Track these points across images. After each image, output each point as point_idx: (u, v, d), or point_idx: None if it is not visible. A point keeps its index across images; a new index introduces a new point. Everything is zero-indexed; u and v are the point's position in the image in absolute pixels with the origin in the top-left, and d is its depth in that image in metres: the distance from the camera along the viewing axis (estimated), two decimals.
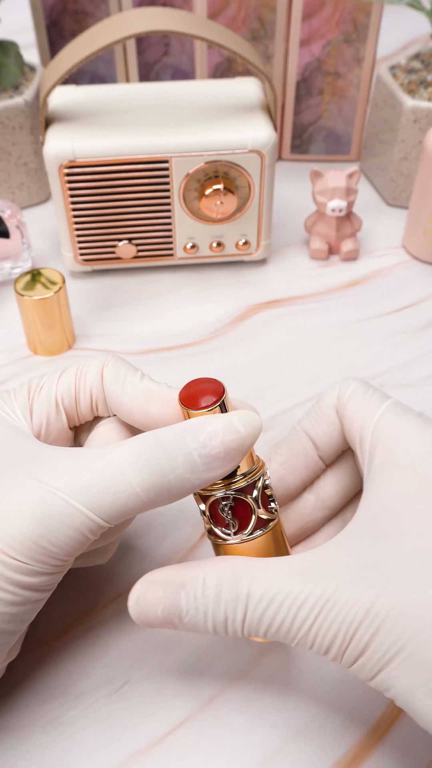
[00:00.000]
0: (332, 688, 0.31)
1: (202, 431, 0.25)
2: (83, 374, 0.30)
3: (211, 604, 0.25)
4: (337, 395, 0.30)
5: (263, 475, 0.28)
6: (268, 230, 0.51)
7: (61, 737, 0.30)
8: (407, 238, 0.55)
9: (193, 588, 0.26)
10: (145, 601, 0.26)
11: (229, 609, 0.25)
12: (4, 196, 0.58)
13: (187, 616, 0.26)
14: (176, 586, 0.26)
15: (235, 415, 0.26)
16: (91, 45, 0.44)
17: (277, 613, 0.24)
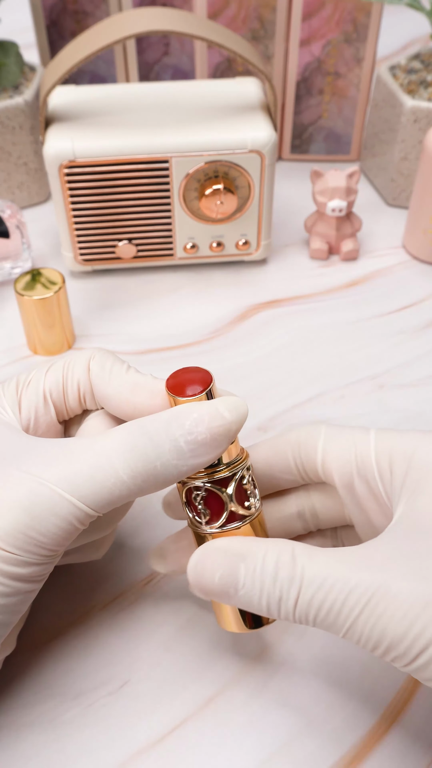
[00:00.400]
0: (332, 688, 0.31)
1: (188, 418, 0.25)
2: (70, 368, 0.30)
3: (268, 581, 0.25)
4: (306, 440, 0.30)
5: (244, 468, 0.28)
6: (268, 230, 0.51)
7: (60, 737, 0.30)
8: (407, 238, 0.55)
9: (253, 562, 0.25)
10: (203, 566, 0.26)
11: (284, 588, 0.25)
12: (4, 196, 0.58)
13: (243, 589, 0.25)
14: (237, 557, 0.26)
15: (221, 401, 0.26)
16: (91, 45, 0.44)
17: (326, 597, 0.24)
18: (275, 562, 0.25)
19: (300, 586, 0.25)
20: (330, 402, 0.44)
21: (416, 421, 0.43)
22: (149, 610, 0.34)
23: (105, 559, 0.36)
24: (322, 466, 0.29)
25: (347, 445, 0.28)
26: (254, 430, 0.42)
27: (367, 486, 0.28)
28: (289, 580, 0.25)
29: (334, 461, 0.29)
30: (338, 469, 0.28)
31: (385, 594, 0.23)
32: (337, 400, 0.44)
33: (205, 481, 0.28)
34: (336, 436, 0.29)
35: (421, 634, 0.23)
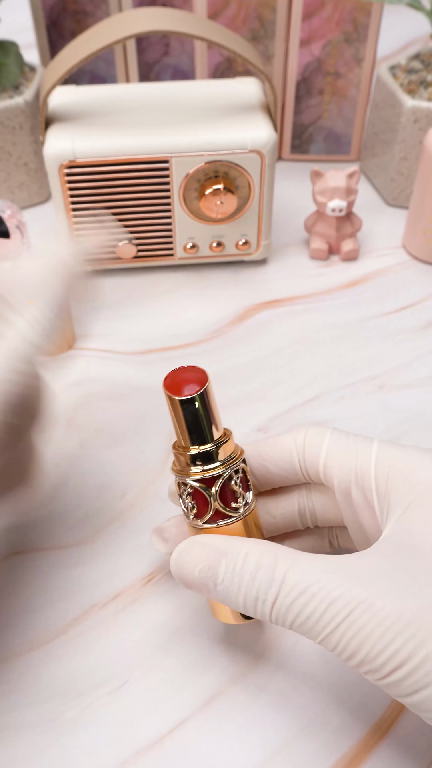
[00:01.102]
0: (332, 688, 0.31)
1: None
2: None
3: (247, 579, 0.26)
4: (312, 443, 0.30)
5: (233, 470, 0.29)
6: (268, 230, 0.51)
7: (60, 737, 0.30)
8: (407, 238, 0.55)
9: (234, 559, 0.26)
10: (185, 558, 0.27)
11: (262, 589, 0.25)
12: (4, 196, 0.58)
13: (222, 585, 0.26)
14: (218, 553, 0.27)
15: None
16: (91, 45, 0.44)
17: (307, 604, 0.24)
18: (256, 562, 0.26)
19: (279, 589, 0.25)
20: (330, 402, 0.44)
21: (416, 422, 0.43)
22: (149, 609, 0.34)
23: (105, 559, 0.36)
24: (323, 469, 0.29)
25: (349, 453, 0.29)
26: (254, 431, 0.42)
27: (363, 496, 0.29)
28: (269, 581, 0.25)
29: (335, 467, 0.29)
30: (338, 476, 0.29)
31: (367, 609, 0.24)
32: (337, 401, 0.44)
33: (192, 479, 0.28)
34: (340, 442, 0.29)
35: (398, 651, 0.23)
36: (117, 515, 0.38)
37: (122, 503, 0.38)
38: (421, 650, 0.23)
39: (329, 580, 0.25)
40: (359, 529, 0.30)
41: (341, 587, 0.24)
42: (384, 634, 0.23)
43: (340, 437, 0.30)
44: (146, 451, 0.41)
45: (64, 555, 0.36)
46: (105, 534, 0.37)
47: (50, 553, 0.36)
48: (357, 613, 0.24)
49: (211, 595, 0.27)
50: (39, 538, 0.37)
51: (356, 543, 0.31)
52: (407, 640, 0.23)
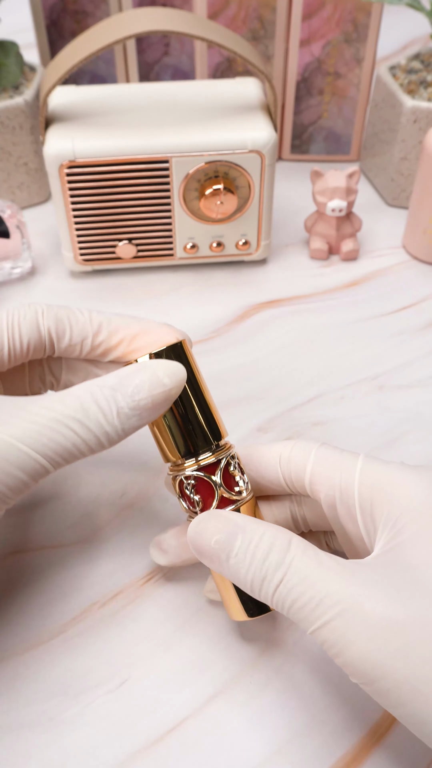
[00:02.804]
0: (332, 688, 0.31)
1: (131, 384, 0.28)
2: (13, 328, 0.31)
3: (259, 558, 0.26)
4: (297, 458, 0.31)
5: (229, 456, 0.30)
6: (268, 230, 0.51)
7: (60, 736, 0.30)
8: (407, 238, 0.55)
9: (251, 535, 0.27)
10: (204, 527, 0.28)
11: (270, 570, 0.26)
12: (4, 196, 0.58)
13: (234, 559, 0.27)
14: (237, 527, 0.28)
15: (161, 367, 0.28)
16: (91, 45, 0.44)
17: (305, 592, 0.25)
18: (270, 543, 0.27)
19: (285, 574, 0.26)
20: (330, 402, 0.44)
21: (416, 422, 0.43)
22: (149, 608, 0.34)
23: (105, 557, 0.36)
24: (310, 485, 0.30)
25: (334, 469, 0.29)
26: (254, 431, 0.42)
27: (348, 512, 0.29)
28: (277, 564, 0.26)
29: (320, 483, 0.30)
30: (324, 491, 0.29)
31: (358, 610, 0.24)
32: (337, 401, 0.44)
33: (194, 470, 0.30)
34: (326, 458, 0.30)
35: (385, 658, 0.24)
36: (116, 514, 0.38)
37: (121, 502, 0.38)
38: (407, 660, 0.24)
39: (330, 574, 0.25)
40: (347, 539, 0.30)
41: (338, 583, 0.25)
42: (371, 639, 0.24)
43: (326, 453, 0.30)
44: (145, 451, 0.41)
45: (64, 554, 0.36)
46: (104, 533, 0.37)
47: (50, 552, 0.36)
48: (348, 612, 0.24)
49: (221, 567, 0.27)
50: (39, 537, 0.37)
51: (346, 551, 0.31)
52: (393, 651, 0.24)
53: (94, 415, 0.27)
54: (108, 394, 0.28)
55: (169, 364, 0.28)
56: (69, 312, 0.32)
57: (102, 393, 0.28)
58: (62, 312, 0.32)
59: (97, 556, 0.36)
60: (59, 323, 0.32)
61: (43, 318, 0.32)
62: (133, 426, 0.28)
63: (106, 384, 0.28)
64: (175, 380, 0.28)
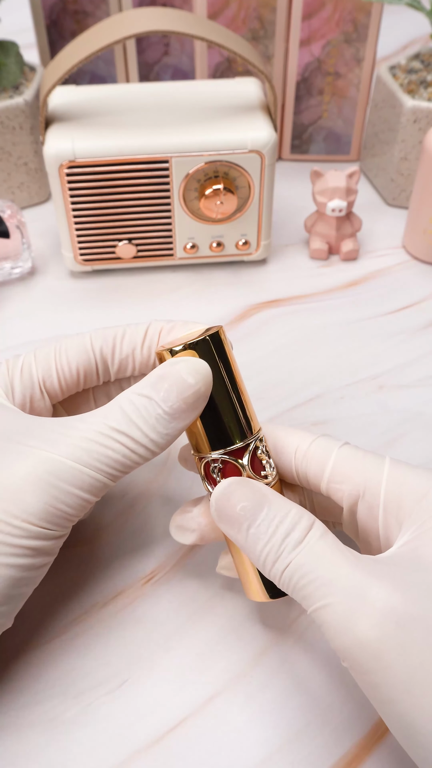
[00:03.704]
0: (332, 688, 0.31)
1: (161, 390, 0.28)
2: (62, 354, 0.32)
3: (281, 532, 0.26)
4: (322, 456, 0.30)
5: (257, 440, 0.30)
6: (268, 230, 0.51)
7: (60, 736, 0.30)
8: (407, 238, 0.55)
9: (277, 509, 0.27)
10: (232, 491, 0.28)
11: (289, 547, 0.26)
12: (4, 196, 0.58)
13: (255, 529, 0.27)
14: (265, 499, 0.28)
15: (184, 366, 0.28)
16: (91, 45, 0.44)
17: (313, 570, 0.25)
18: (294, 521, 0.27)
19: (299, 552, 0.26)
20: (330, 402, 0.44)
21: (416, 422, 0.43)
22: (149, 609, 0.34)
23: (105, 558, 0.36)
24: (327, 483, 0.30)
25: (357, 470, 0.29)
26: None
27: (369, 512, 0.29)
28: (296, 542, 0.26)
29: (342, 483, 0.29)
30: (347, 490, 0.29)
31: (364, 596, 0.24)
32: (337, 401, 0.44)
33: (221, 453, 0.29)
34: (349, 458, 0.30)
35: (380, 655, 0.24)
36: (117, 515, 0.38)
37: (122, 503, 0.38)
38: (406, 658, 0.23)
39: (342, 560, 0.25)
40: (363, 536, 0.30)
41: (349, 568, 0.25)
42: (373, 626, 0.24)
43: (349, 452, 0.30)
44: None
45: (65, 555, 0.36)
46: (105, 534, 0.37)
47: None
48: (354, 596, 0.24)
49: (239, 535, 0.27)
50: None
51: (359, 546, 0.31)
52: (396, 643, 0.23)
53: (135, 424, 0.28)
54: (145, 403, 0.28)
55: (192, 363, 0.28)
56: (119, 328, 0.32)
57: (140, 402, 0.28)
58: (112, 330, 0.32)
59: (98, 557, 0.36)
60: (106, 341, 0.32)
61: (92, 340, 0.32)
62: (176, 428, 0.28)
63: (142, 392, 0.28)
64: (200, 378, 0.28)
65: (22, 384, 0.32)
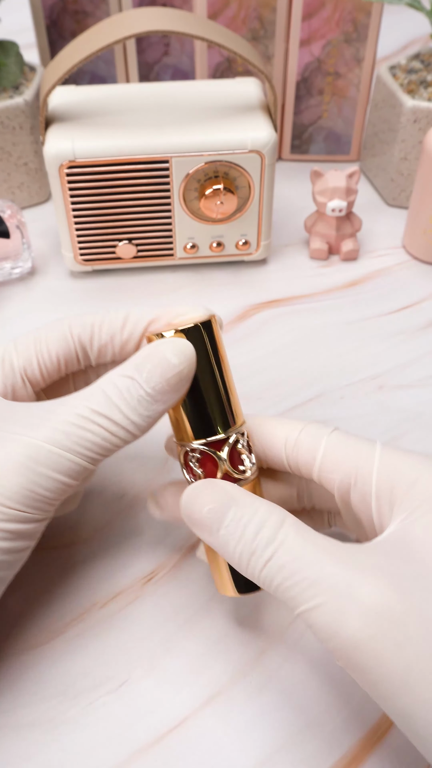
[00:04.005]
0: (332, 688, 0.31)
1: (144, 371, 0.28)
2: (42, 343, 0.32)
3: (250, 532, 0.26)
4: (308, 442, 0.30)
5: (238, 433, 0.30)
6: (268, 230, 0.51)
7: (60, 736, 0.30)
8: (407, 238, 0.55)
9: (243, 509, 0.27)
10: (197, 494, 0.28)
11: (261, 545, 0.26)
12: (4, 196, 0.58)
13: (225, 530, 0.27)
14: (230, 499, 0.27)
15: (169, 347, 0.28)
16: (91, 45, 0.44)
17: (297, 572, 0.25)
18: (263, 519, 0.26)
19: (275, 551, 0.25)
20: (330, 402, 0.44)
21: (416, 422, 0.43)
22: (149, 609, 0.34)
23: (105, 558, 0.36)
24: (318, 471, 0.29)
25: (348, 457, 0.29)
26: None
27: (362, 500, 0.28)
28: (268, 540, 0.26)
29: (333, 471, 0.29)
30: (338, 478, 0.29)
31: (353, 595, 0.24)
32: (337, 401, 0.44)
33: (201, 443, 0.29)
34: (339, 444, 0.29)
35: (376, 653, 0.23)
36: (116, 514, 0.38)
37: (121, 503, 0.38)
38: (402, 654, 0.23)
39: (325, 556, 0.25)
40: (355, 522, 0.30)
41: (334, 566, 0.25)
42: (366, 625, 0.23)
43: (339, 439, 0.30)
44: (145, 451, 0.41)
45: (64, 554, 0.36)
46: (105, 533, 0.37)
47: (50, 553, 0.36)
48: (343, 596, 0.24)
49: (211, 537, 0.27)
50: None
51: (354, 533, 0.31)
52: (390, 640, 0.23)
53: (116, 406, 0.28)
54: (128, 384, 0.28)
55: (176, 344, 0.28)
56: (97, 315, 0.32)
57: (123, 383, 0.28)
58: (90, 317, 0.32)
59: (97, 557, 0.36)
60: (85, 328, 0.32)
61: (71, 328, 0.32)
62: (158, 410, 0.28)
63: (125, 373, 0.28)
64: (184, 359, 0.28)
65: (3, 374, 0.32)
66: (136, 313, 0.32)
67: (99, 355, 0.33)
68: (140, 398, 0.28)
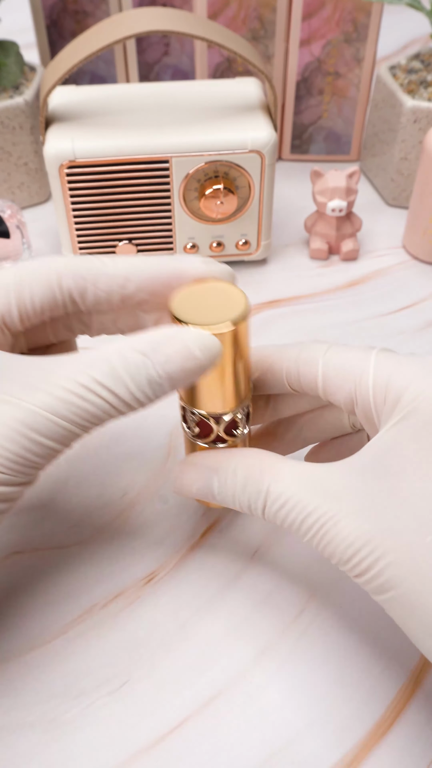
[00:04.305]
0: (332, 688, 0.31)
1: (162, 354, 0.26)
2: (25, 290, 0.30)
3: (238, 491, 0.29)
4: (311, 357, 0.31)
5: (239, 410, 0.31)
6: (268, 230, 0.51)
7: (61, 737, 0.30)
8: (407, 238, 0.55)
9: (224, 475, 0.30)
10: (182, 479, 0.31)
11: (252, 499, 0.29)
12: (4, 196, 0.58)
13: (219, 496, 0.30)
14: (210, 471, 0.30)
15: (194, 339, 0.27)
16: (91, 45, 0.44)
17: (287, 516, 0.28)
18: (244, 476, 0.29)
19: (265, 501, 0.28)
20: None
21: None
22: (149, 609, 0.34)
23: (105, 558, 0.36)
24: (324, 396, 0.30)
25: (347, 378, 0.29)
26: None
27: (365, 417, 0.29)
28: (256, 493, 0.28)
29: (335, 394, 0.30)
30: (341, 400, 0.30)
31: (333, 525, 0.26)
32: None
33: (201, 412, 0.31)
34: (336, 368, 0.30)
35: (361, 562, 0.26)
36: (117, 515, 0.38)
37: (122, 503, 0.38)
38: (379, 563, 0.26)
39: (304, 495, 0.27)
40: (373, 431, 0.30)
41: (313, 503, 0.27)
42: (348, 548, 0.26)
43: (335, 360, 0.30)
44: (147, 451, 0.41)
45: (64, 555, 0.36)
46: (105, 533, 0.37)
47: (50, 553, 0.36)
48: (326, 528, 0.27)
49: (214, 501, 0.30)
50: (39, 538, 0.37)
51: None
52: (367, 555, 0.26)
53: (122, 381, 0.26)
54: (139, 361, 0.26)
55: (203, 337, 0.27)
56: (89, 264, 0.30)
57: (133, 359, 0.26)
58: (83, 266, 0.30)
59: (98, 557, 0.36)
60: (77, 280, 0.30)
61: (60, 278, 0.30)
62: (163, 392, 0.27)
63: (138, 348, 0.26)
64: (208, 354, 0.27)
65: None
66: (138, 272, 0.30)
67: (94, 306, 0.31)
68: (150, 379, 0.26)
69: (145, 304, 0.31)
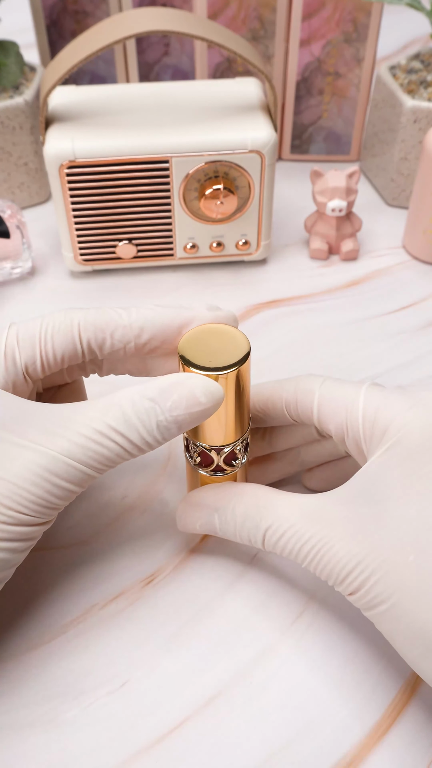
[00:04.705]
0: (332, 688, 0.31)
1: (169, 400, 0.28)
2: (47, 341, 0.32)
3: (238, 529, 0.32)
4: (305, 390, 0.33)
5: (239, 442, 0.33)
6: (268, 230, 0.51)
7: (61, 737, 0.30)
8: (407, 238, 0.55)
9: (224, 514, 0.32)
10: (184, 519, 0.34)
11: (251, 534, 0.31)
12: (4, 196, 0.58)
13: (221, 531, 0.33)
14: (211, 510, 0.33)
15: (199, 385, 0.29)
16: (91, 45, 0.44)
17: (286, 545, 0.30)
18: (243, 514, 0.31)
19: (264, 534, 0.31)
20: None
21: None
22: (149, 610, 0.34)
23: (105, 559, 0.36)
24: (318, 425, 0.32)
25: (339, 410, 0.31)
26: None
27: (356, 447, 0.31)
28: (255, 528, 0.31)
29: (328, 423, 0.32)
30: (333, 430, 0.32)
31: (328, 550, 0.29)
32: None
33: (203, 445, 0.32)
34: (329, 400, 0.32)
35: (353, 581, 0.28)
36: (117, 516, 0.38)
37: (123, 504, 0.38)
38: (369, 581, 0.28)
39: (301, 525, 0.30)
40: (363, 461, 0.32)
41: (309, 531, 0.29)
42: (342, 569, 0.28)
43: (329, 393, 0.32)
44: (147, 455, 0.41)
45: (64, 555, 0.36)
46: (105, 535, 0.37)
47: (51, 554, 0.36)
48: (322, 552, 0.29)
49: (216, 535, 0.33)
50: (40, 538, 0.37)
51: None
52: (358, 574, 0.28)
53: (134, 427, 0.28)
54: (148, 407, 0.28)
55: (207, 384, 0.28)
56: (108, 317, 0.32)
57: (143, 405, 0.28)
58: (101, 319, 0.32)
59: (98, 558, 0.36)
60: (97, 332, 0.32)
61: (80, 330, 0.32)
62: (171, 435, 0.29)
63: (147, 395, 0.28)
64: (212, 399, 0.29)
65: (6, 370, 0.32)
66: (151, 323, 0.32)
67: (110, 355, 0.33)
68: (159, 423, 0.28)
69: (156, 350, 0.33)
